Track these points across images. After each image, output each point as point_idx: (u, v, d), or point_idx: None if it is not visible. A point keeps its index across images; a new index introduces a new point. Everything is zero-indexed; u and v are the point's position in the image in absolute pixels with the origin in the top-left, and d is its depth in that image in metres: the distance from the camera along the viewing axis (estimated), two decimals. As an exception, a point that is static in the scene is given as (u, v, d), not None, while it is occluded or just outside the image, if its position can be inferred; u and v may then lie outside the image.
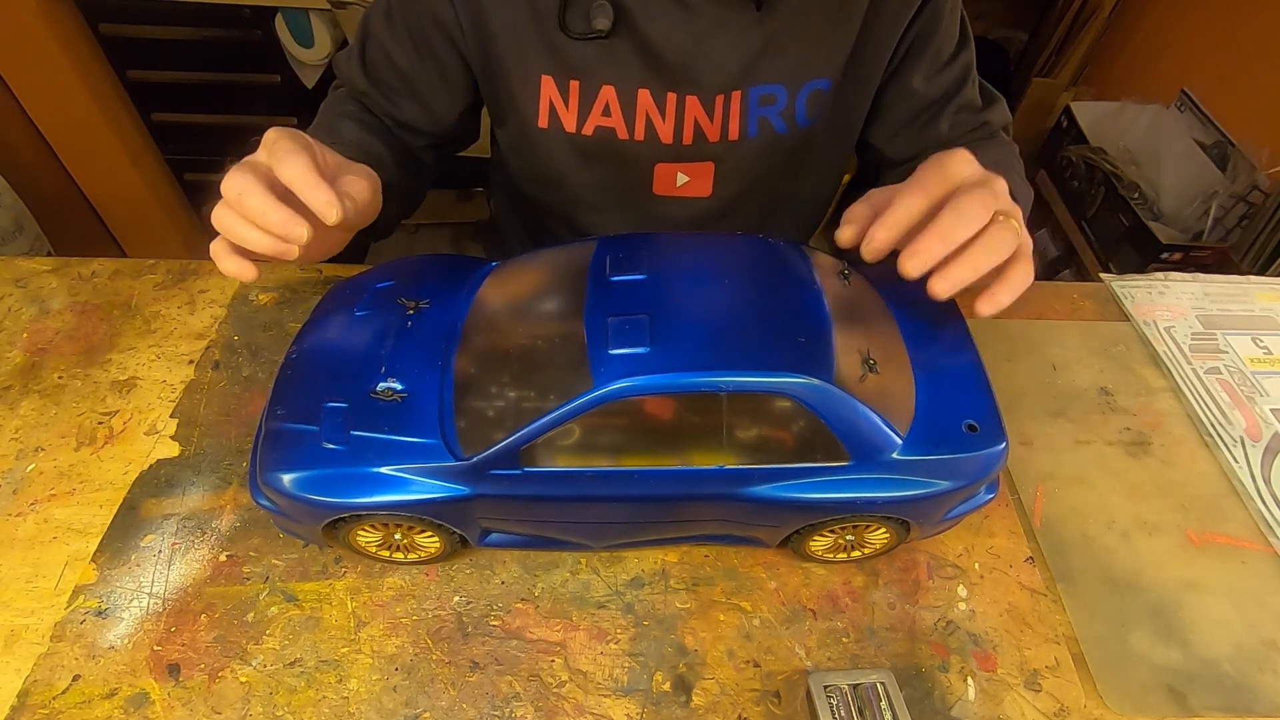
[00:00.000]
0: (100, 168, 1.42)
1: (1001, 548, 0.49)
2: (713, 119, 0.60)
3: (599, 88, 0.58)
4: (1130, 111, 1.48)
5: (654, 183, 0.64)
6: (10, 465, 0.50)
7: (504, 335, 0.42)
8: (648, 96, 0.58)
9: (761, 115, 0.60)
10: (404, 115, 0.64)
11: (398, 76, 0.62)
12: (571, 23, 0.55)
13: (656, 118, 0.59)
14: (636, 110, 0.59)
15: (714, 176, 0.64)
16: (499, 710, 0.41)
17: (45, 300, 0.61)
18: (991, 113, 0.65)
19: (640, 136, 0.60)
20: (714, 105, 0.59)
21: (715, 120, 0.60)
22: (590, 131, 0.61)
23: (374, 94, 0.63)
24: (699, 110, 0.59)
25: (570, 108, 0.60)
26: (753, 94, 0.59)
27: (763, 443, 0.39)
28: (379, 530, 0.42)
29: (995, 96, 0.66)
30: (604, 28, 0.54)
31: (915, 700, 0.42)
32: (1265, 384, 0.59)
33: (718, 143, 0.61)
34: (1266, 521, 0.51)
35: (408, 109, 0.64)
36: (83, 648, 0.42)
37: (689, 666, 0.43)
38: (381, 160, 0.59)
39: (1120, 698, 0.42)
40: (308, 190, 0.41)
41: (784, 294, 0.41)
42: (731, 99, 0.59)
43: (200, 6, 1.23)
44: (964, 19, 0.62)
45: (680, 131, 0.60)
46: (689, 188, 0.65)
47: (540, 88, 0.59)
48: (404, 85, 0.62)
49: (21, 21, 1.19)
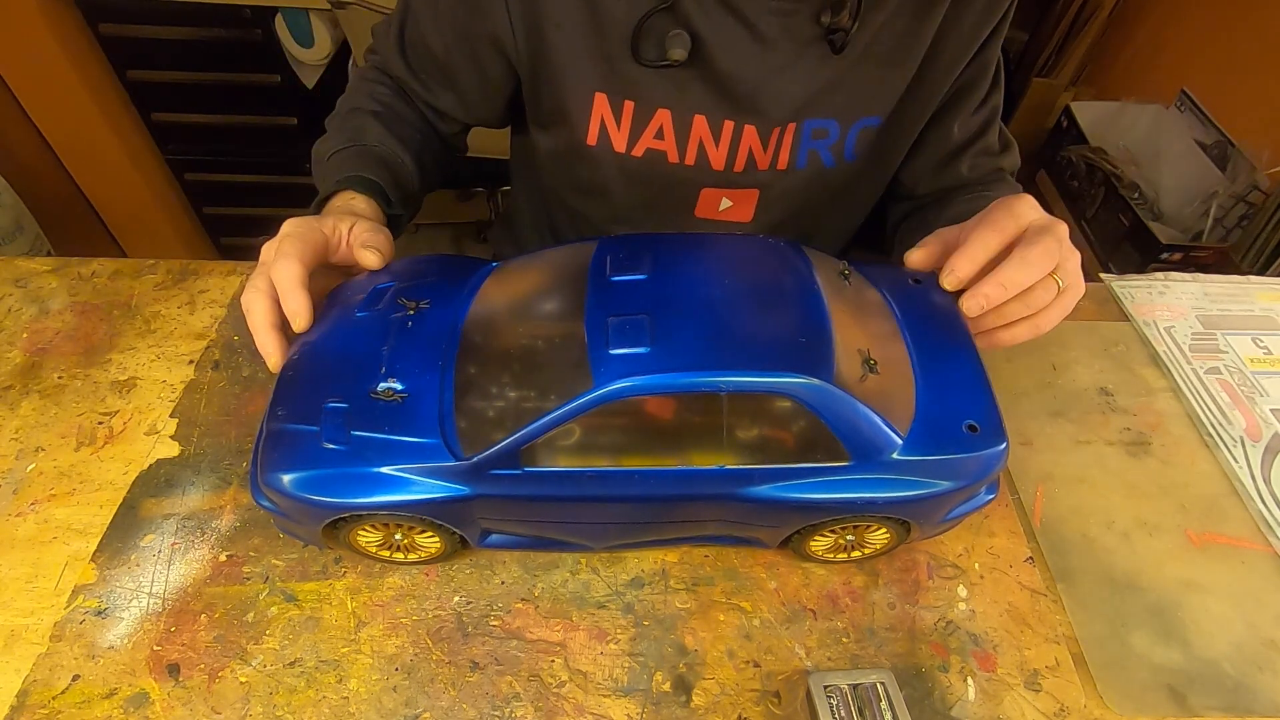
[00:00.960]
0: (100, 168, 1.41)
1: (1001, 548, 0.49)
2: (766, 149, 0.59)
3: (654, 111, 0.57)
4: (1130, 111, 1.48)
5: (697, 205, 0.64)
6: (10, 465, 0.50)
7: (504, 335, 0.42)
8: (703, 123, 0.58)
9: (812, 148, 0.60)
10: (440, 104, 0.64)
11: (437, 68, 0.62)
12: (643, 49, 0.54)
13: (710, 144, 0.59)
14: (690, 135, 0.58)
15: (757, 203, 0.64)
16: (499, 710, 0.41)
17: (45, 300, 0.61)
18: (1006, 158, 0.66)
19: (690, 161, 0.60)
20: (770, 136, 0.59)
21: (769, 150, 0.60)
22: (640, 153, 0.60)
23: (410, 81, 0.63)
24: (754, 140, 0.59)
25: (622, 129, 0.59)
26: (807, 126, 0.59)
27: (763, 443, 0.39)
28: (379, 530, 0.42)
29: (1010, 142, 0.67)
30: (681, 58, 0.53)
31: (915, 700, 0.42)
32: (1265, 384, 0.59)
33: (766, 171, 0.61)
34: (1266, 521, 0.51)
35: (444, 100, 0.64)
36: (82, 648, 0.42)
37: (689, 666, 0.43)
38: (402, 169, 0.60)
39: (1120, 698, 0.42)
40: (284, 297, 0.45)
41: (784, 294, 0.41)
42: (787, 130, 0.58)
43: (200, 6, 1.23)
44: (999, 61, 0.62)
45: (733, 159, 0.60)
46: (731, 212, 0.65)
47: (593, 105, 0.58)
48: (444, 78, 0.62)
49: (21, 21, 1.19)
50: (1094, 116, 1.52)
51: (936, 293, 0.47)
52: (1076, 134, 1.51)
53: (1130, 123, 1.47)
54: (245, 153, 1.47)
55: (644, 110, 0.58)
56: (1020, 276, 0.44)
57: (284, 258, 0.45)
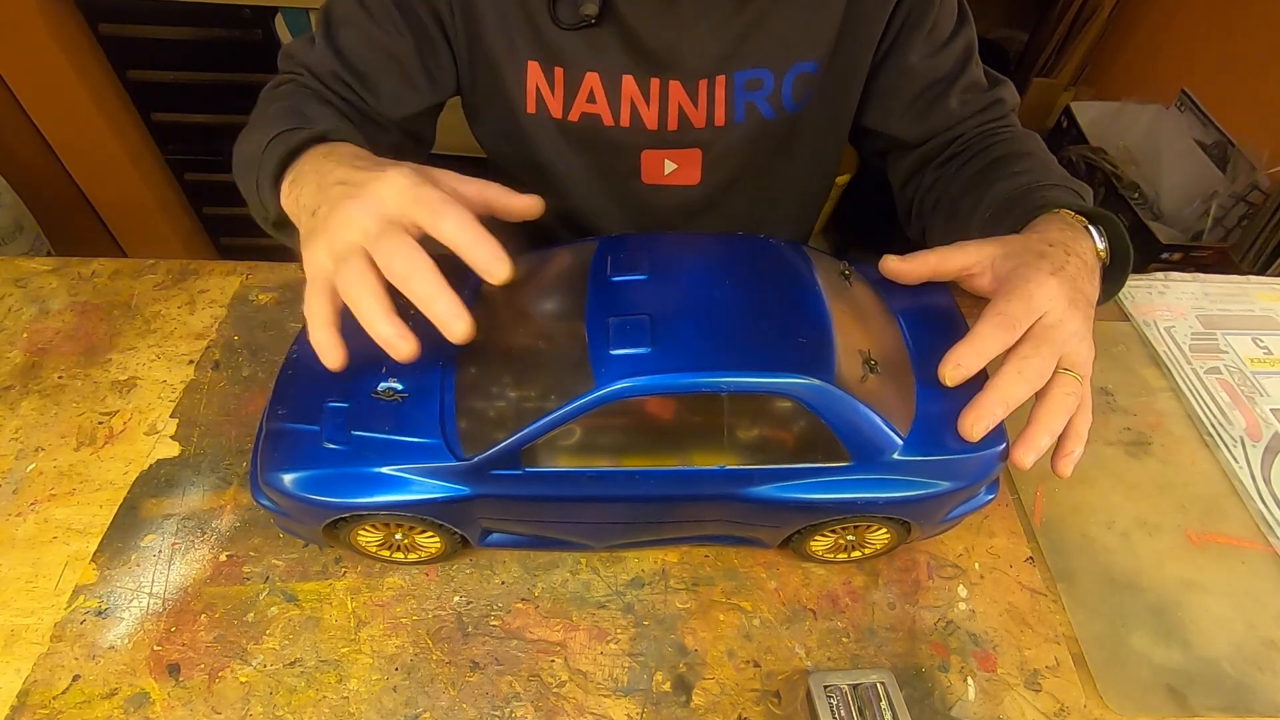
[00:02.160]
0: (100, 168, 1.41)
1: (1001, 548, 0.49)
2: (697, 105, 0.60)
3: (583, 75, 0.58)
4: (1130, 111, 1.48)
5: (642, 170, 0.65)
6: (10, 465, 0.50)
7: (505, 335, 0.42)
8: (631, 83, 0.59)
9: (748, 100, 0.60)
10: (379, 102, 0.59)
11: (383, 57, 0.58)
12: (561, 12, 0.55)
13: (641, 104, 0.60)
14: (621, 97, 0.59)
15: (702, 164, 0.64)
16: (499, 710, 0.41)
17: (45, 300, 0.61)
18: (1002, 91, 0.64)
19: (625, 123, 0.61)
20: (697, 91, 0.59)
21: (700, 106, 0.60)
22: (576, 118, 0.61)
23: (346, 76, 0.57)
24: (682, 96, 0.59)
25: (556, 94, 0.60)
26: (738, 79, 0.59)
27: (763, 443, 0.39)
28: (380, 530, 0.42)
29: (1000, 78, 0.65)
30: (592, 13, 0.54)
31: (915, 700, 0.42)
32: (1265, 384, 0.59)
33: (704, 129, 0.61)
34: (1266, 521, 0.51)
35: (386, 90, 0.59)
36: (83, 648, 0.42)
37: (689, 666, 0.43)
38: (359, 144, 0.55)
39: (1120, 698, 0.42)
40: (476, 247, 0.36)
41: (785, 294, 0.41)
42: (715, 84, 0.59)
43: (200, 6, 1.23)
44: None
45: (665, 118, 0.60)
46: (677, 175, 0.65)
47: (527, 74, 0.59)
48: (387, 66, 0.58)
49: (21, 21, 1.19)
50: (1094, 116, 1.52)
51: (937, 293, 0.47)
52: (1076, 134, 1.51)
53: (1130, 123, 1.47)
54: (245, 153, 1.47)
55: (574, 75, 0.58)
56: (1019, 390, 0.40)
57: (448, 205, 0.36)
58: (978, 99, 0.63)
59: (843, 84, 0.62)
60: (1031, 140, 0.62)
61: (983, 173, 0.59)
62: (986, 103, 0.63)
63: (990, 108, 0.63)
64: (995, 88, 0.64)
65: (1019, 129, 0.64)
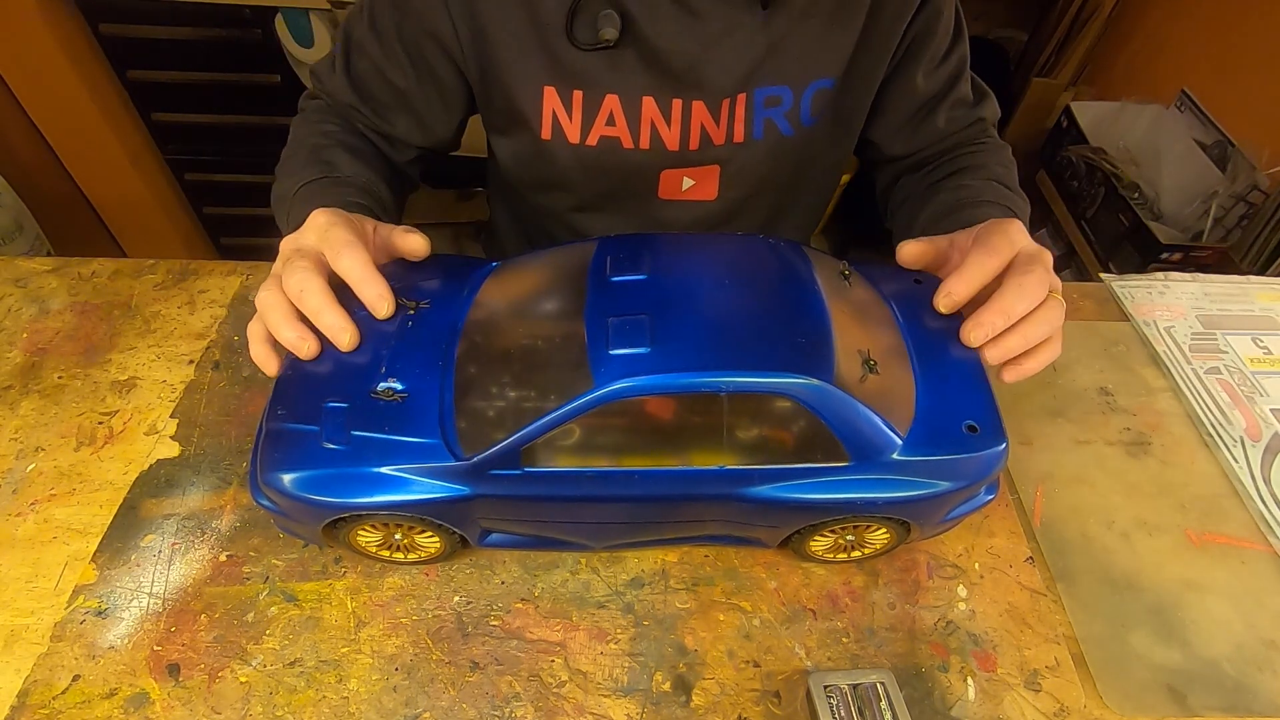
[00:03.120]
0: (100, 168, 1.41)
1: (1001, 548, 0.49)
2: (719, 123, 0.59)
3: (603, 97, 0.57)
4: (1130, 111, 1.48)
5: (659, 188, 0.64)
6: (10, 465, 0.50)
7: (504, 335, 0.42)
8: (652, 104, 0.58)
9: (767, 117, 0.60)
10: (396, 131, 0.62)
11: (392, 93, 0.60)
12: (579, 33, 0.54)
13: (662, 125, 0.59)
14: (641, 119, 0.59)
15: (720, 180, 0.64)
16: (499, 710, 0.41)
17: (45, 300, 0.61)
18: (985, 108, 0.66)
19: (645, 145, 0.60)
20: (720, 109, 0.58)
21: (721, 124, 0.59)
22: (594, 142, 0.60)
23: (363, 109, 0.61)
24: (705, 115, 0.59)
25: (574, 119, 0.59)
26: (758, 96, 0.59)
27: (763, 443, 0.39)
28: (379, 530, 0.42)
29: (985, 91, 0.67)
30: (611, 38, 0.53)
31: (915, 700, 0.42)
32: (1265, 384, 0.59)
33: (723, 146, 0.61)
34: (1266, 521, 0.51)
35: (401, 124, 0.62)
36: (83, 648, 0.42)
37: (689, 666, 0.43)
38: (382, 197, 0.58)
39: (1120, 698, 0.42)
40: (364, 285, 0.43)
41: (784, 294, 0.41)
42: (737, 102, 0.58)
43: (200, 6, 1.23)
44: (959, 12, 0.62)
45: (686, 138, 0.60)
46: (694, 191, 0.65)
47: (543, 99, 0.58)
48: (398, 101, 0.61)
49: (21, 21, 1.19)
50: (1094, 116, 1.52)
51: None
52: (1076, 134, 1.51)
53: (1130, 123, 1.47)
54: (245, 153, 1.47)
55: (593, 98, 0.58)
56: (1020, 305, 0.43)
57: (349, 246, 0.43)
58: (963, 116, 0.65)
59: (855, 99, 0.63)
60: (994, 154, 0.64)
61: (936, 185, 0.63)
62: (969, 121, 0.65)
63: (971, 126, 0.65)
64: (979, 104, 0.66)
65: (991, 142, 0.66)
